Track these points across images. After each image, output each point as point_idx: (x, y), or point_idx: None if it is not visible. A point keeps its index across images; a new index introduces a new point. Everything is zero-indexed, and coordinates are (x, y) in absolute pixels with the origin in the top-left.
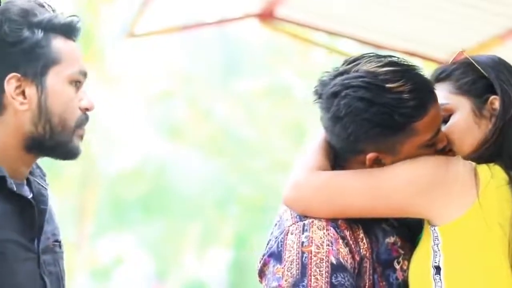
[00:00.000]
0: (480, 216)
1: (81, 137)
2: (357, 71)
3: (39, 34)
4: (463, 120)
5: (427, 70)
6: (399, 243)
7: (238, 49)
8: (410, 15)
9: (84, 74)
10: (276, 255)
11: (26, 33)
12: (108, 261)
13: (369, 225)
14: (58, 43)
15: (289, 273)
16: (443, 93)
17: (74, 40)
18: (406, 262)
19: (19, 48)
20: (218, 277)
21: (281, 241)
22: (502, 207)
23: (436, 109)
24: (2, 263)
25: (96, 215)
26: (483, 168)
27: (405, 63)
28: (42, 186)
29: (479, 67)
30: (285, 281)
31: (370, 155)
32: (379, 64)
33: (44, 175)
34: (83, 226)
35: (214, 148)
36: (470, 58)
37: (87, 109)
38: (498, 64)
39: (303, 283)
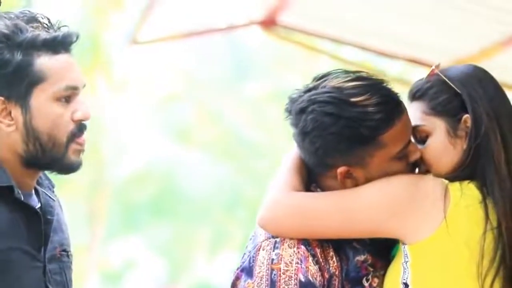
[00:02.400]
0: (447, 236)
1: (78, 151)
2: (324, 87)
3: (19, 56)
4: (439, 142)
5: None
6: (369, 261)
7: (246, 53)
8: (412, 22)
9: (74, 88)
10: (247, 270)
11: (6, 56)
12: (119, 264)
13: (340, 244)
14: (42, 61)
15: None
16: (418, 114)
17: (65, 52)
18: (376, 280)
19: (1, 72)
20: (228, 280)
21: (253, 257)
22: (471, 227)
23: (403, 122)
24: (8, 270)
25: (107, 218)
26: (454, 187)
27: (372, 77)
28: (50, 197)
29: (452, 85)
30: None
31: (340, 169)
32: (345, 80)
33: (53, 187)
34: (94, 229)
35: (222, 151)
36: (442, 76)
37: (82, 120)
38: (471, 78)
39: None
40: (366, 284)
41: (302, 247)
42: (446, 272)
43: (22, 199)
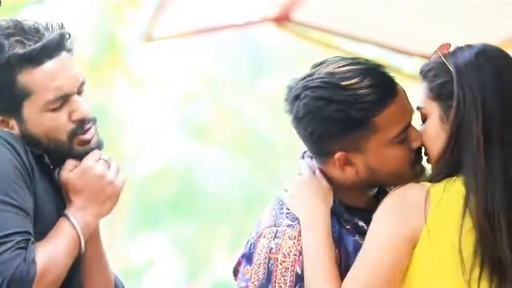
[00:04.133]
0: (428, 242)
1: (84, 142)
2: (319, 73)
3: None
4: (432, 126)
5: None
6: None
7: (262, 50)
8: (425, 19)
9: (63, 96)
10: (247, 256)
11: None
12: (140, 262)
13: (341, 237)
14: (25, 77)
15: (256, 276)
16: (423, 95)
17: (51, 59)
18: None
19: None
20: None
21: (253, 243)
22: (456, 225)
23: (398, 105)
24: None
25: (126, 216)
26: (436, 189)
27: (368, 62)
28: None
29: (450, 68)
30: (252, 283)
31: (337, 155)
32: (339, 65)
33: None
34: (114, 227)
35: (241, 149)
36: (442, 57)
37: (79, 120)
38: (470, 63)
39: None
40: None
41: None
42: (433, 276)
43: (51, 166)
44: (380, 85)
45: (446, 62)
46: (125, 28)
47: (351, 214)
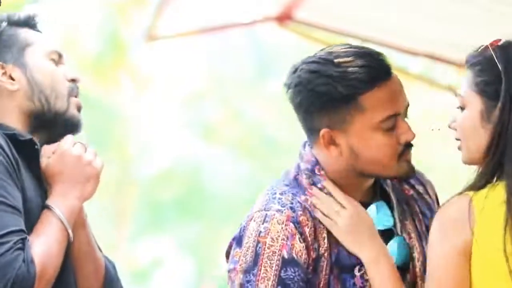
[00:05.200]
0: (479, 252)
1: (78, 107)
2: (320, 52)
3: (4, 25)
4: (470, 118)
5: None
6: None
7: (268, 50)
8: (429, 18)
9: (59, 53)
10: (237, 239)
11: None
12: (147, 262)
13: None
14: (23, 31)
15: (244, 258)
16: (465, 84)
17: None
18: None
19: None
20: None
21: (244, 226)
22: (501, 231)
23: (388, 90)
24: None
25: (133, 217)
26: (478, 196)
27: (368, 48)
28: None
29: (498, 66)
30: (240, 265)
31: (322, 132)
32: (341, 47)
33: None
34: (120, 228)
35: (247, 149)
36: (493, 54)
37: (73, 80)
38: None
39: (254, 272)
40: (357, 274)
41: (291, 224)
42: (489, 284)
43: (37, 146)
44: (373, 67)
45: (495, 58)
46: (130, 27)
47: None
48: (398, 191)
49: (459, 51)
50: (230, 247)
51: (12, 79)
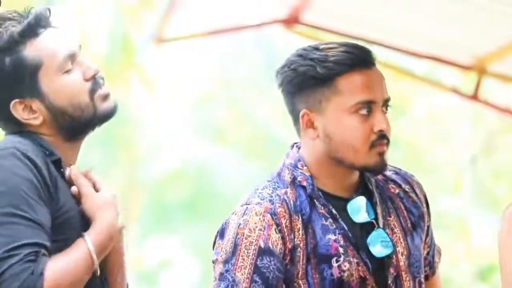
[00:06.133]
0: None
1: (104, 96)
2: None
3: (6, 59)
4: None
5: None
6: (341, 242)
7: (278, 52)
8: (435, 20)
9: (72, 55)
10: (220, 232)
11: None
12: (154, 263)
13: (311, 219)
14: (30, 50)
15: (224, 249)
16: None
17: (46, 28)
18: (346, 264)
19: (1, 80)
20: None
21: (227, 220)
22: None
23: (366, 77)
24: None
25: (141, 218)
26: None
27: (357, 44)
28: None
29: None
30: (220, 256)
31: (302, 112)
32: (335, 42)
33: None
34: (128, 229)
35: (254, 150)
36: None
37: (93, 76)
38: None
39: (232, 261)
40: (334, 264)
41: (268, 215)
42: None
43: (66, 173)
44: (353, 53)
45: None
46: (139, 30)
47: (328, 200)
48: (383, 189)
49: (463, 53)
50: (215, 241)
51: (34, 111)
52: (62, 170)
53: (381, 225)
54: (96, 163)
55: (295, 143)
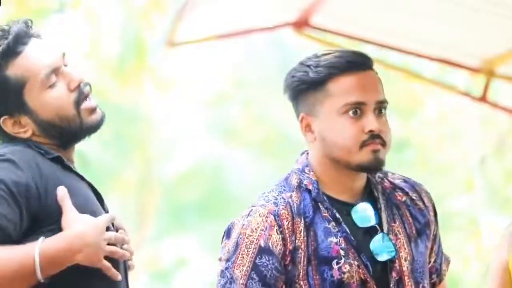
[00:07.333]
0: None
1: (90, 110)
2: None
3: None
4: None
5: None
6: (342, 244)
7: (291, 53)
8: (445, 24)
9: (54, 70)
10: (227, 232)
11: None
12: (170, 262)
13: (313, 222)
14: (13, 70)
15: (228, 248)
16: None
17: (26, 44)
18: (347, 266)
19: None
20: None
21: (233, 221)
22: None
23: (357, 80)
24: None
25: (156, 217)
26: None
27: (358, 50)
28: None
29: None
30: (224, 254)
31: (300, 117)
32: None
33: None
34: (143, 228)
35: (269, 151)
36: None
37: (77, 87)
38: None
39: (232, 259)
40: (335, 266)
41: (271, 216)
42: None
43: (73, 168)
44: (346, 57)
45: None
46: (152, 31)
47: (332, 204)
48: (390, 197)
49: (472, 56)
50: (222, 239)
51: (24, 125)
52: (65, 163)
53: (385, 231)
54: (110, 163)
55: (306, 150)
